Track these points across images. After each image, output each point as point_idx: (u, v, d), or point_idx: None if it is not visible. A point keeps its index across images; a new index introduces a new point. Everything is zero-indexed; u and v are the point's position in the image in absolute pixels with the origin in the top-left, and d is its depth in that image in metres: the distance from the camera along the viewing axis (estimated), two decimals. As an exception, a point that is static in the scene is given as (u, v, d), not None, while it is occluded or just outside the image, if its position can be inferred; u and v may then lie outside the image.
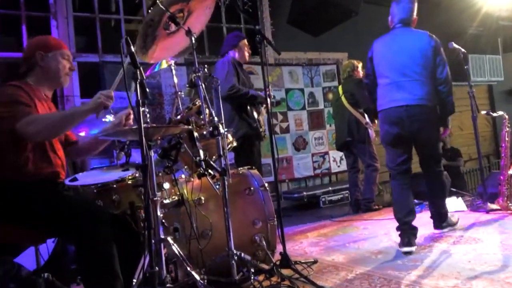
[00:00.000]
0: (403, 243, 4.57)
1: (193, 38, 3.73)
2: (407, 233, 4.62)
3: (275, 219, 4.24)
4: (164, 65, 4.30)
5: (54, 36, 5.86)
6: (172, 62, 4.28)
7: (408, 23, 5.03)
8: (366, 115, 7.46)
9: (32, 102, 3.25)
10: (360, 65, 7.72)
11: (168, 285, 2.99)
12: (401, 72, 4.85)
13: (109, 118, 3.59)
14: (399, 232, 4.70)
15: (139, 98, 2.87)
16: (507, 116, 6.67)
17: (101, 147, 3.79)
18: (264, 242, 4.12)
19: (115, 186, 3.59)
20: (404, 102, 4.78)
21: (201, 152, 3.45)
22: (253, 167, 4.67)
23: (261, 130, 6.04)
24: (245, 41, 6.18)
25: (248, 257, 3.75)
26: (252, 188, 4.27)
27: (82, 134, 3.63)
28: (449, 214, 5.27)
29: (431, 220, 5.27)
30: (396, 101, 4.83)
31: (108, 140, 3.76)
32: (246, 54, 6.17)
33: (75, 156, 3.88)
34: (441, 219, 5.22)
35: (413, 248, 4.49)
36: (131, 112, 3.53)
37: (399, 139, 4.89)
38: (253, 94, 5.86)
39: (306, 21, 9.12)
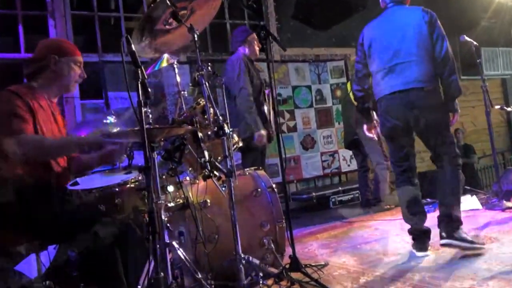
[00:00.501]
0: (416, 248, 4.50)
1: (195, 36, 3.72)
2: (420, 237, 4.51)
3: (284, 221, 4.24)
4: (165, 63, 4.29)
5: (68, 41, 5.83)
6: (175, 60, 4.27)
7: (400, 1, 4.73)
8: (374, 112, 7.43)
9: (30, 114, 3.24)
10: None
11: (174, 291, 2.99)
12: (394, 54, 4.53)
13: (110, 119, 3.59)
14: (411, 236, 4.60)
15: (140, 98, 2.87)
16: (522, 110, 6.66)
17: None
18: (272, 245, 4.11)
19: (117, 189, 3.59)
20: (397, 87, 4.48)
21: (206, 153, 3.45)
22: (260, 168, 4.67)
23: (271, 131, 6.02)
24: (254, 35, 6.14)
25: (256, 261, 3.74)
26: (259, 190, 4.26)
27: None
28: (472, 234, 4.60)
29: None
30: (388, 88, 4.55)
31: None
32: (257, 48, 6.15)
33: (73, 170, 3.88)
34: (451, 225, 4.33)
35: (427, 253, 4.44)
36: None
37: (396, 131, 4.59)
38: (251, 113, 5.69)
39: (312, 16, 9.13)
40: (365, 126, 5.30)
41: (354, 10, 9.02)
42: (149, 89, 2.92)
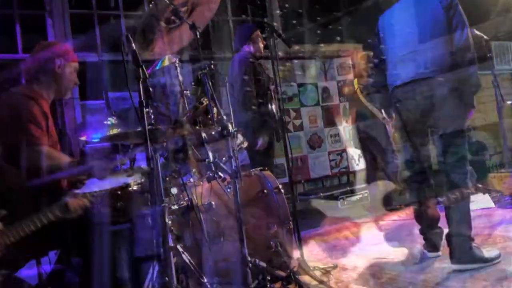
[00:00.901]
0: (428, 248, 4.48)
1: (197, 33, 3.71)
2: (432, 237, 4.48)
3: (291, 223, 4.23)
4: (167, 62, 4.28)
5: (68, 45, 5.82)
6: (177, 59, 4.26)
7: None
8: (383, 110, 7.40)
9: (44, 120, 3.27)
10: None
11: (179, 295, 2.99)
12: (406, 43, 4.31)
13: (111, 120, 3.60)
14: (423, 236, 4.57)
15: (142, 98, 2.86)
16: (534, 106, 6.64)
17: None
18: (279, 247, 4.11)
19: (119, 192, 3.59)
20: (405, 79, 4.27)
21: (210, 154, 3.44)
22: (266, 168, 4.65)
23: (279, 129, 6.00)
24: (258, 31, 6.13)
25: (263, 264, 3.74)
26: (265, 191, 4.25)
27: (83, 138, 3.64)
28: (485, 251, 4.07)
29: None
30: (400, 78, 4.34)
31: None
32: (261, 46, 6.13)
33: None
34: (461, 246, 4.01)
35: (439, 253, 4.43)
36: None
37: (408, 124, 4.40)
38: (254, 118, 5.70)
39: (317, 11, 9.11)
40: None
41: (361, 5, 9.00)
42: (151, 89, 2.92)
